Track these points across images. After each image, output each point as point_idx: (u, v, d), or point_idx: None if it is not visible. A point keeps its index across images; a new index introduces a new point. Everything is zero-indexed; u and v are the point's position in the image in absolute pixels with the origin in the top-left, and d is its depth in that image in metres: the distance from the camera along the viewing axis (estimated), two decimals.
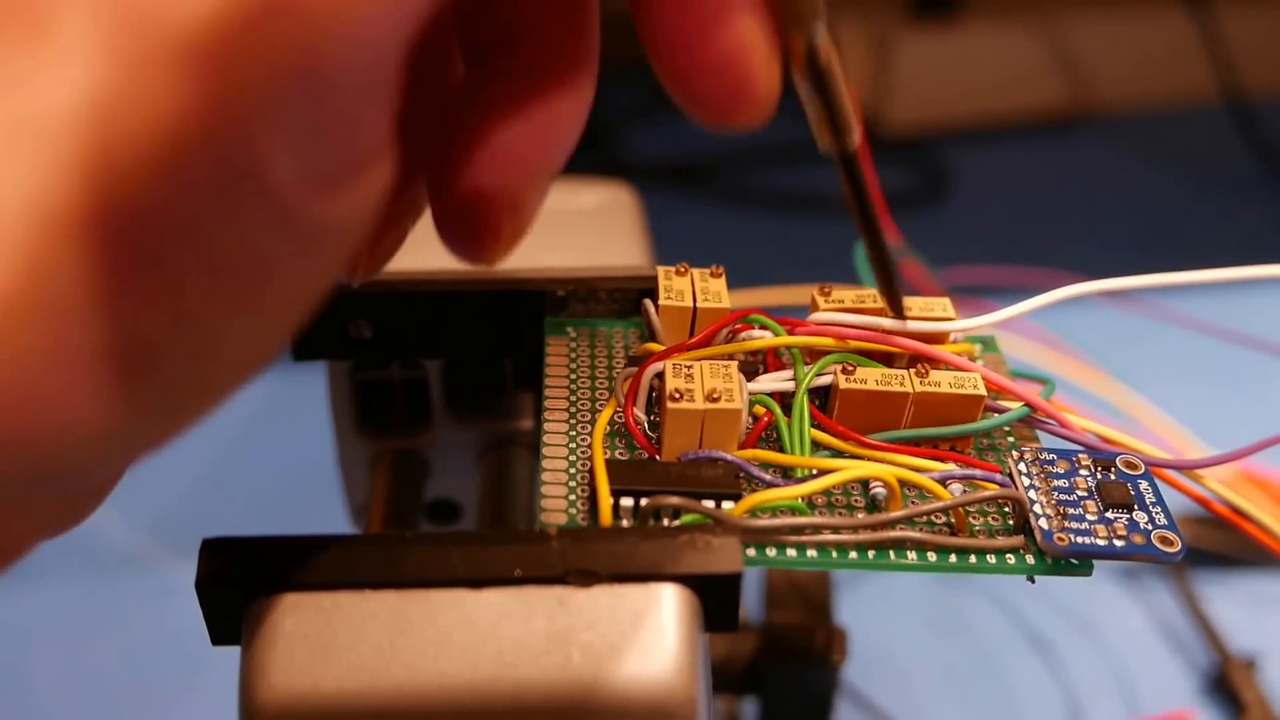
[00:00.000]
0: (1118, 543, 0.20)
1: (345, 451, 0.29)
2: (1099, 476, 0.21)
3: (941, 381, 0.22)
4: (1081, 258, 0.62)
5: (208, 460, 0.50)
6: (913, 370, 0.22)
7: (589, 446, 0.21)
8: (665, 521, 0.20)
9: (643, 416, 0.22)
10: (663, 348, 0.23)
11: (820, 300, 0.23)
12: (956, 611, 0.43)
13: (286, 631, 0.18)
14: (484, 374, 0.28)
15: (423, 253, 0.31)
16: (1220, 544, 0.42)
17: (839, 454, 0.21)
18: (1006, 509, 0.21)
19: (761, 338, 0.23)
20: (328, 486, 0.31)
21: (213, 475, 0.49)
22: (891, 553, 0.20)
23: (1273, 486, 0.42)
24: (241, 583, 0.18)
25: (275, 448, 0.49)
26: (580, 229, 0.32)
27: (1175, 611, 0.43)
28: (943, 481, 0.21)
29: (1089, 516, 0.20)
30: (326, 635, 0.18)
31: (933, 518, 0.21)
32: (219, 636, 0.19)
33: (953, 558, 0.20)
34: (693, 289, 0.23)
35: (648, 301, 0.23)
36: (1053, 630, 0.42)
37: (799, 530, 0.20)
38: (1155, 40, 0.75)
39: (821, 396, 0.22)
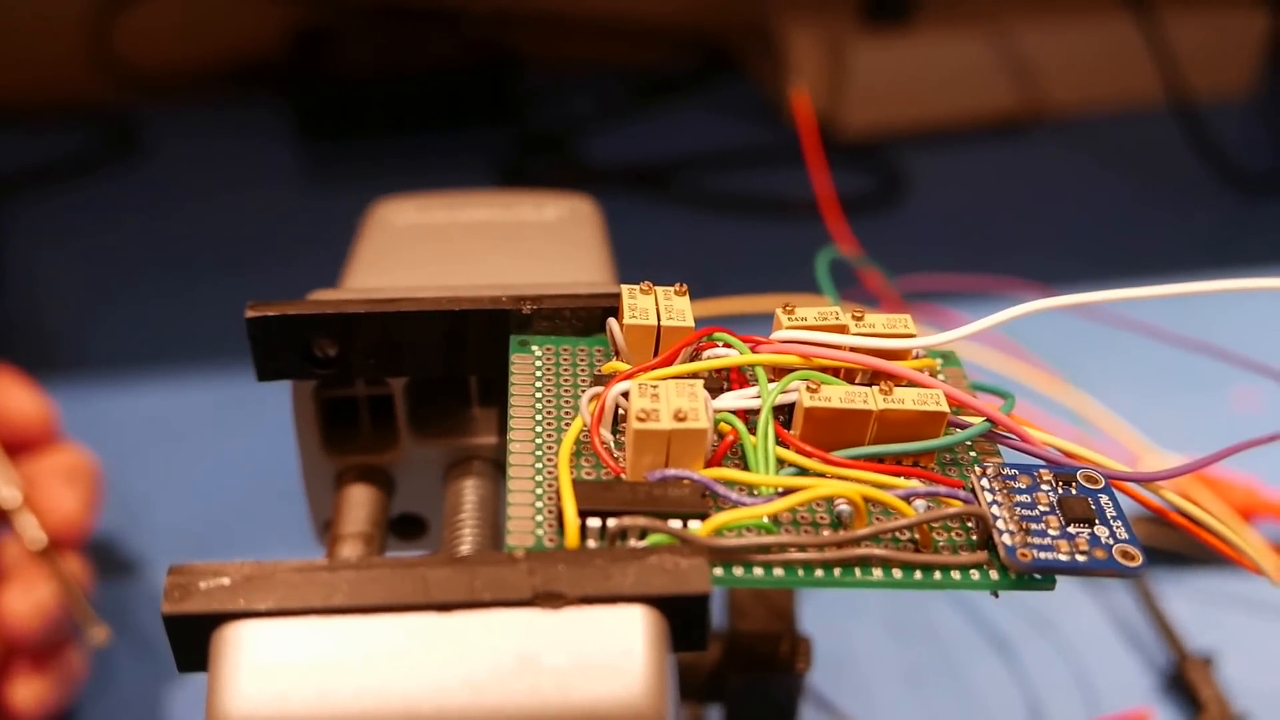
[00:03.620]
0: (1080, 558, 0.20)
1: (310, 468, 0.29)
2: (1060, 491, 0.21)
3: (905, 398, 0.22)
4: (1035, 259, 0.63)
5: (174, 478, 0.49)
6: (876, 387, 0.22)
7: (555, 467, 0.21)
8: (632, 542, 0.20)
9: (609, 436, 0.22)
10: (628, 366, 0.23)
11: (783, 318, 0.24)
12: (919, 614, 0.44)
13: (252, 658, 0.18)
14: (449, 391, 0.28)
15: (386, 271, 0.31)
16: (1177, 543, 0.43)
17: (804, 471, 0.21)
18: (970, 525, 0.21)
19: (726, 356, 0.23)
20: (294, 502, 0.30)
21: (178, 493, 0.48)
22: (857, 570, 0.20)
23: (1226, 488, 0.43)
24: (207, 610, 0.18)
25: (242, 463, 0.49)
26: (542, 242, 0.32)
27: (1133, 610, 0.44)
28: (907, 498, 0.21)
29: (1051, 532, 0.21)
30: (293, 661, 0.18)
31: (897, 534, 0.21)
32: (186, 664, 0.19)
33: (918, 574, 0.20)
34: (656, 307, 0.23)
35: (612, 321, 0.23)
36: (1014, 631, 0.43)
37: (766, 549, 0.20)
38: (1103, 45, 0.76)
39: (786, 414, 0.22)
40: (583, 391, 0.23)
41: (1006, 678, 0.41)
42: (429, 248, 0.31)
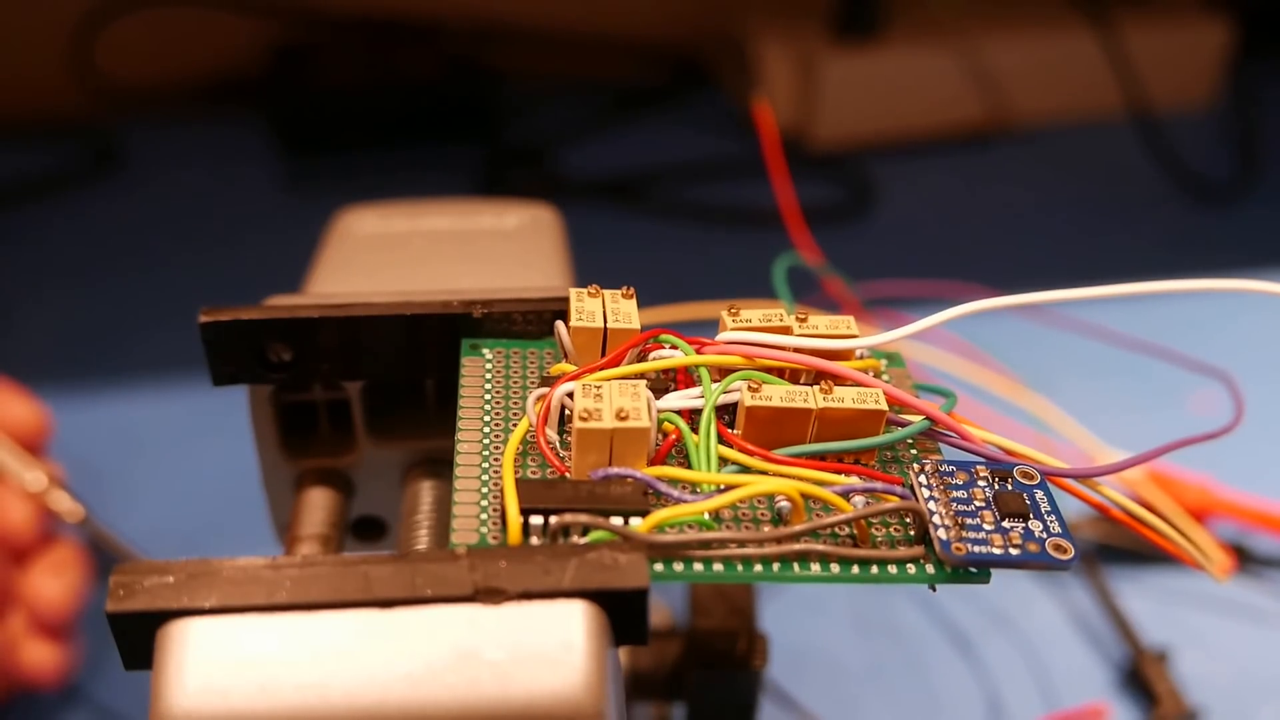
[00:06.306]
0: (1013, 551, 0.21)
1: (269, 472, 0.29)
2: (996, 487, 0.22)
3: (844, 397, 0.22)
4: (1000, 267, 0.64)
5: (155, 483, 0.50)
6: (817, 387, 0.22)
7: (501, 466, 0.22)
8: (574, 539, 0.20)
9: (554, 436, 0.22)
10: (575, 368, 0.23)
11: (728, 319, 0.24)
12: (880, 612, 0.44)
13: (196, 655, 0.18)
14: (405, 394, 0.28)
15: (346, 277, 0.31)
16: (1132, 540, 0.44)
17: (746, 469, 0.22)
18: (907, 520, 0.22)
19: (671, 357, 0.23)
20: (255, 504, 0.31)
21: (139, 494, 0.48)
22: (796, 565, 0.21)
23: (1180, 487, 0.44)
24: (151, 607, 0.18)
25: (223, 468, 0.49)
26: (502, 249, 0.33)
27: (1090, 607, 0.44)
28: (845, 495, 0.21)
29: (986, 526, 0.21)
30: (236, 658, 0.18)
31: (836, 530, 0.21)
32: (131, 661, 0.19)
33: (855, 569, 0.21)
34: (604, 310, 0.24)
35: (560, 323, 0.24)
36: (973, 627, 0.44)
37: (706, 545, 0.20)
38: (1066, 58, 0.77)
39: (729, 413, 0.23)
40: (530, 393, 0.23)
41: (966, 673, 0.42)
42: (389, 255, 0.31)
